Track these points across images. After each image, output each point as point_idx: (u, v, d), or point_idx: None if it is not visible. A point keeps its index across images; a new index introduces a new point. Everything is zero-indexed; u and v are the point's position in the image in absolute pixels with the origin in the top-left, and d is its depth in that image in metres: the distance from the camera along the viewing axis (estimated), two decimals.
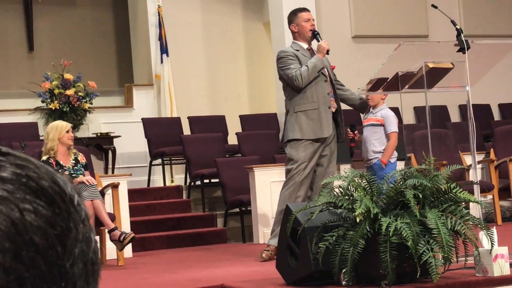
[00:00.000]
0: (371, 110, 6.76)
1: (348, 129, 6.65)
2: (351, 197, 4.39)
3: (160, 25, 10.57)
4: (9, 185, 0.61)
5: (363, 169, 6.26)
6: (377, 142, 6.69)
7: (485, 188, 8.40)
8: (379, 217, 4.23)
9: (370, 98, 6.63)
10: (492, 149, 9.16)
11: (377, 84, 5.79)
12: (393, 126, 6.76)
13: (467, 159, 8.38)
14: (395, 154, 6.82)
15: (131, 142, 10.17)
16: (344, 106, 6.49)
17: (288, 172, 6.15)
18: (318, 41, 6.14)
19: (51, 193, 0.62)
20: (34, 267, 0.59)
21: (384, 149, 6.70)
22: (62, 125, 6.79)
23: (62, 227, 0.61)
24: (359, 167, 7.02)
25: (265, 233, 7.97)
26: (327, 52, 6.10)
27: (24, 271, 0.59)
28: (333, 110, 6.20)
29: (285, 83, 6.21)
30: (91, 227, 0.65)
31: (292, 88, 6.14)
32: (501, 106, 11.55)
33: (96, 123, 10.23)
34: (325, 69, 6.19)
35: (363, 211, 4.20)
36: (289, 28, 6.35)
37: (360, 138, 6.84)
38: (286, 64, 6.11)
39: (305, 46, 6.28)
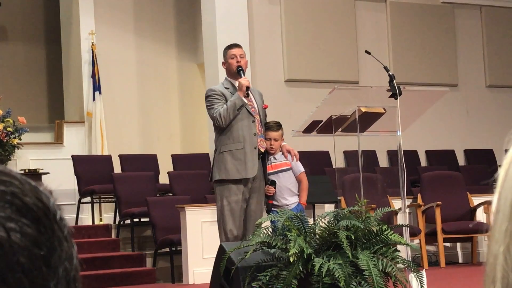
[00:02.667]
0: (272, 157, 6.42)
1: (269, 186, 6.23)
2: (285, 237, 4.43)
3: (94, 62, 10.51)
4: None
5: None
6: (292, 186, 6.53)
7: (414, 231, 8.55)
8: (312, 258, 4.26)
9: (273, 147, 6.32)
10: (419, 194, 9.36)
11: (311, 127, 5.87)
12: (301, 166, 6.68)
13: (396, 203, 8.54)
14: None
15: (60, 179, 10.00)
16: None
17: (220, 213, 6.08)
18: (241, 77, 6.04)
19: (35, 210, 0.61)
20: None
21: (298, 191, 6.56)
22: None
23: (47, 246, 0.61)
24: None
25: (195, 273, 7.92)
26: (247, 89, 5.99)
27: None
28: (262, 150, 6.12)
29: None
30: (73, 243, 0.64)
31: (215, 128, 6.13)
32: (428, 153, 11.84)
33: (24, 159, 10.05)
34: (255, 108, 6.10)
35: (297, 251, 4.23)
36: None
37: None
38: (211, 103, 6.06)
39: (236, 83, 6.13)
